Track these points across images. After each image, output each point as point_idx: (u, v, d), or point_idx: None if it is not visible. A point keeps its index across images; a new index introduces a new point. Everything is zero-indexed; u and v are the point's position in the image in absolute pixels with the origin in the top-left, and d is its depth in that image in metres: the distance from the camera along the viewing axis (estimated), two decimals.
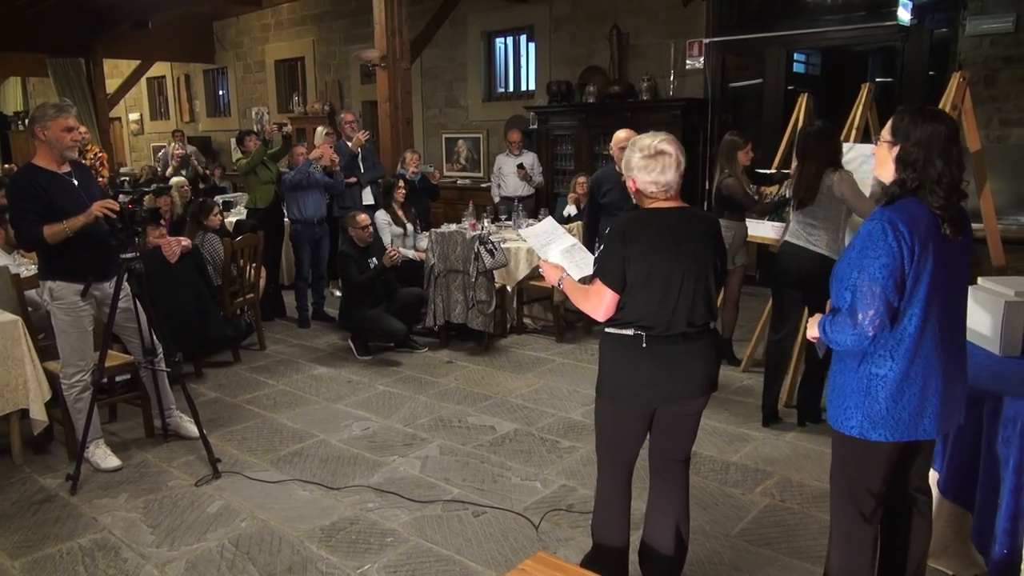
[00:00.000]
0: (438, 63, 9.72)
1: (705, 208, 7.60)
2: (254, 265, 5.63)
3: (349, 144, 6.68)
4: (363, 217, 5.54)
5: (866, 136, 4.53)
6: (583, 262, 2.47)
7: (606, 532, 2.52)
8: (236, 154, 6.84)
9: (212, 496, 3.43)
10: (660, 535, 2.47)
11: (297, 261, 6.36)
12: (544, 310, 6.33)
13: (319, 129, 6.83)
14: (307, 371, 5.23)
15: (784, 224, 4.45)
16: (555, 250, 2.51)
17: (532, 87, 9.02)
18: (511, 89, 9.47)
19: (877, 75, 7.04)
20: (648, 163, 2.24)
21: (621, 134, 4.56)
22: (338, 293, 7.29)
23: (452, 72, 9.70)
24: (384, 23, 7.01)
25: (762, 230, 4.83)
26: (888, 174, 2.14)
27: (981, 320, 2.95)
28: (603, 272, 2.26)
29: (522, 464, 3.70)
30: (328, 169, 6.18)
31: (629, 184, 2.32)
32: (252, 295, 5.65)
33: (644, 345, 2.26)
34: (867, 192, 3.92)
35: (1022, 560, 2.33)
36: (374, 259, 5.43)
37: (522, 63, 9.29)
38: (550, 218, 2.74)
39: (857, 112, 4.47)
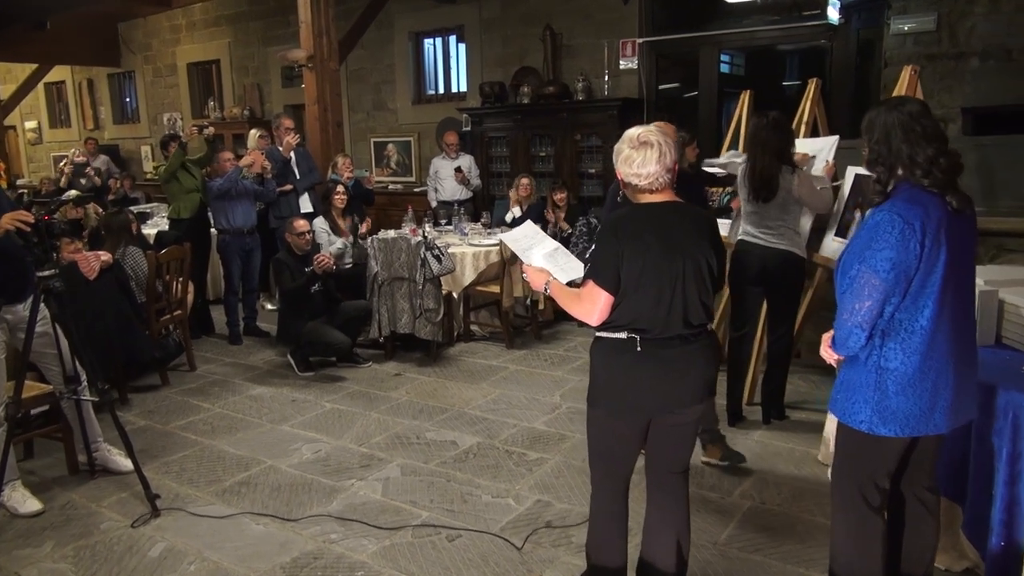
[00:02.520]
0: (364, 65, 9.41)
1: None
2: (181, 279, 5.22)
3: (280, 149, 6.33)
4: (301, 223, 5.23)
5: (814, 131, 4.57)
6: (568, 265, 2.31)
7: (602, 552, 2.36)
8: (153, 162, 6.36)
9: (153, 537, 3.09)
10: (661, 552, 2.33)
11: (227, 274, 5.96)
12: (491, 316, 6.15)
13: (252, 132, 6.44)
14: (245, 391, 4.88)
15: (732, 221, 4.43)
16: (538, 254, 2.35)
17: (464, 89, 8.83)
18: (442, 91, 9.25)
19: (807, 73, 7.18)
20: (631, 154, 2.12)
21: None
22: (270, 306, 6.93)
23: (379, 74, 9.40)
24: (310, 22, 6.70)
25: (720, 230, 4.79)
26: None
27: None
28: (596, 272, 2.11)
29: (491, 480, 3.51)
30: (260, 176, 5.81)
31: (618, 177, 2.19)
32: (180, 312, 5.24)
33: (639, 349, 2.13)
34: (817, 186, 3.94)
35: (1023, 551, 2.30)
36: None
37: (452, 64, 9.09)
38: (529, 222, 2.57)
39: (805, 107, 4.50)
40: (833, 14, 6.20)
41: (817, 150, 4.21)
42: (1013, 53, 5.75)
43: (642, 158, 2.11)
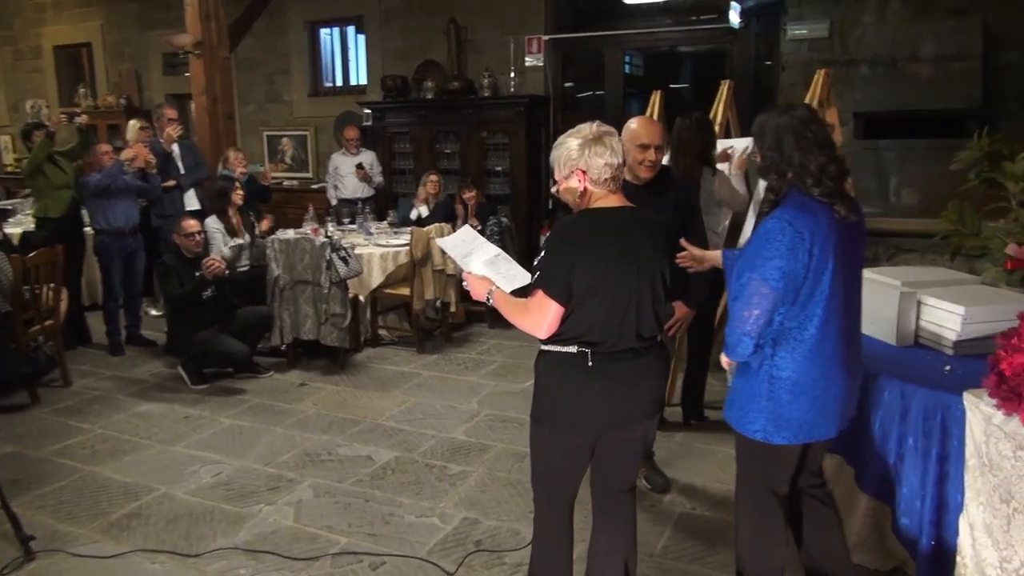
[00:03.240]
0: (255, 54, 8.87)
1: (550, 206, 7.57)
2: (52, 285, 4.69)
3: (161, 141, 5.83)
4: (191, 223, 4.81)
5: (727, 133, 4.62)
6: (509, 273, 2.15)
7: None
8: (14, 154, 5.69)
9: None
10: (607, 575, 2.21)
11: (106, 278, 5.42)
12: (399, 319, 5.91)
13: (132, 123, 5.89)
14: (130, 408, 4.43)
15: None
16: (477, 261, 2.17)
17: (364, 82, 8.48)
18: (340, 83, 8.86)
19: (705, 76, 7.34)
20: (595, 147, 1.99)
21: (634, 125, 2.96)
22: (154, 312, 6.39)
23: (272, 64, 8.90)
24: (197, 5, 6.21)
25: None
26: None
27: (875, 311, 2.98)
28: (546, 281, 1.95)
29: (413, 498, 3.30)
30: (143, 171, 5.32)
31: (573, 184, 2.04)
32: (51, 321, 4.70)
33: (590, 364, 2.00)
34: (738, 186, 3.98)
35: (956, 550, 2.34)
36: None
37: (351, 56, 8.72)
38: (467, 227, 2.40)
39: (718, 109, 4.54)
40: (734, 18, 6.34)
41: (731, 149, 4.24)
42: (898, 62, 6.06)
43: (611, 148, 2.00)
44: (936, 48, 5.84)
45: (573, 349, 1.99)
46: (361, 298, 5.39)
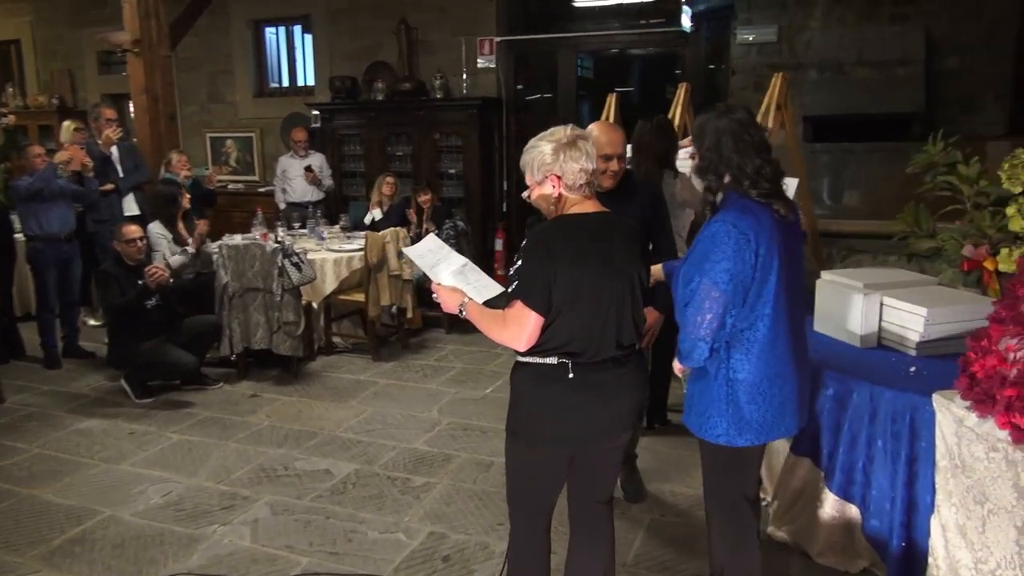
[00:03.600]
0: (197, 53, 8.57)
1: (504, 209, 7.52)
2: None
3: (99, 143, 5.56)
4: (132, 228, 4.56)
5: (684, 136, 4.62)
6: (479, 284, 2.07)
7: None
8: None
9: None
10: None
11: (41, 287, 5.13)
12: (353, 326, 5.77)
13: (66, 123, 5.60)
14: (70, 425, 4.19)
15: None
16: (445, 271, 2.09)
17: (311, 82, 8.28)
18: (286, 84, 8.64)
19: (656, 79, 7.40)
20: (570, 152, 1.94)
21: (596, 133, 2.71)
22: (93, 322, 6.10)
23: (215, 64, 8.62)
24: (135, 1, 5.96)
25: None
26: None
27: (837, 314, 3.01)
28: (525, 292, 1.88)
29: (375, 513, 3.19)
30: (79, 174, 5.06)
31: (547, 190, 1.97)
32: None
33: (571, 375, 1.93)
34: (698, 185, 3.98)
35: (927, 551, 2.35)
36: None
37: (298, 56, 8.51)
38: (433, 235, 2.31)
39: (676, 111, 4.54)
40: (686, 21, 6.39)
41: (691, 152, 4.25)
42: (845, 66, 6.19)
43: (586, 153, 1.95)
44: (881, 53, 5.99)
45: (553, 360, 1.93)
46: (314, 305, 5.24)
